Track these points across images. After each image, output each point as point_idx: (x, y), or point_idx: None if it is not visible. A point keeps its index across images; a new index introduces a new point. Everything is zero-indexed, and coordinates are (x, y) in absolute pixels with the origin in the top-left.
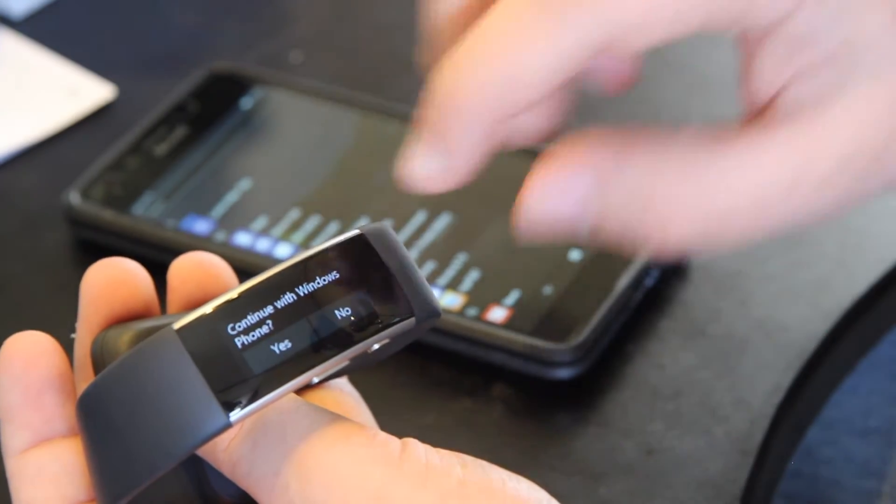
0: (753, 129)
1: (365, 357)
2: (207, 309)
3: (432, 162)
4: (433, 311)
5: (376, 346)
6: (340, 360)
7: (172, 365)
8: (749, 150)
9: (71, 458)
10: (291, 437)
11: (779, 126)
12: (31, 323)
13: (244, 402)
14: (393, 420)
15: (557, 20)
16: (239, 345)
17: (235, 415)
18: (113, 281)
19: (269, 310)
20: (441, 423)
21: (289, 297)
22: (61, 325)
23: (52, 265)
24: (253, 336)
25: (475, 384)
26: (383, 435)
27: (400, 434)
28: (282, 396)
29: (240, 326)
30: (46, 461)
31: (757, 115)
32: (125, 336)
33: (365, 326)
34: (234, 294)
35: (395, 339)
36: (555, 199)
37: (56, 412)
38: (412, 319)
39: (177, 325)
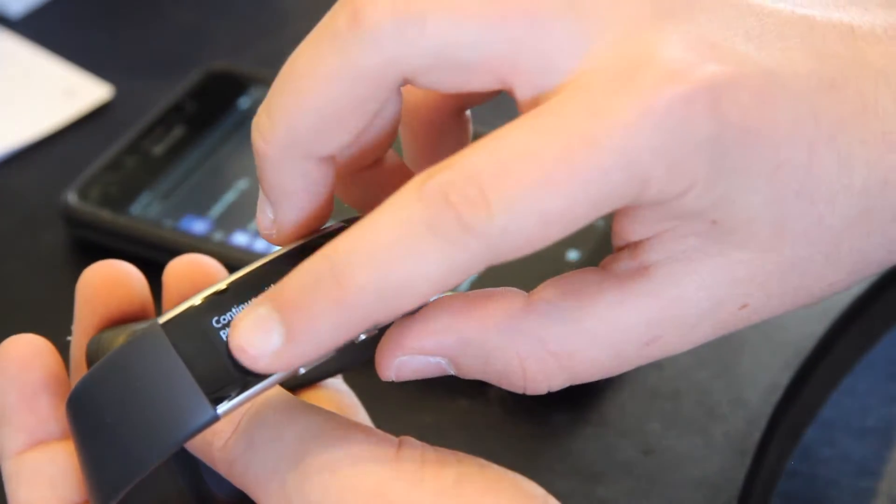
0: (615, 285)
1: (353, 349)
2: (193, 301)
3: (267, 216)
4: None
5: (363, 337)
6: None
7: (158, 360)
8: (610, 308)
9: (66, 459)
10: (287, 435)
11: (640, 280)
12: (29, 322)
13: (231, 394)
14: (391, 420)
15: (452, 244)
16: (224, 337)
17: (223, 407)
18: (108, 283)
19: None
20: (439, 424)
21: None
22: (59, 325)
23: (49, 265)
24: None
25: (473, 385)
26: (380, 433)
27: (398, 434)
28: (269, 388)
29: (224, 319)
30: (42, 463)
31: (624, 249)
32: (120, 338)
33: None
34: (222, 285)
35: (382, 330)
36: (415, 367)
37: (51, 414)
38: None
39: (161, 320)
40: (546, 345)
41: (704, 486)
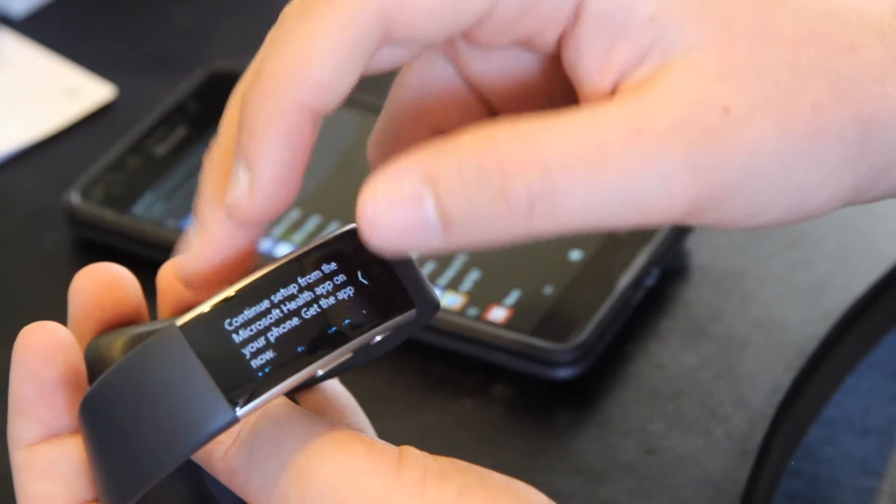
0: (590, 104)
1: (367, 350)
2: (203, 309)
3: (239, 183)
4: (433, 303)
5: (378, 339)
6: (344, 353)
7: (177, 362)
8: (587, 110)
9: (80, 455)
10: (288, 446)
11: (615, 99)
12: (31, 322)
13: (250, 396)
14: (393, 420)
15: (344, 14)
16: (238, 340)
17: (242, 409)
18: (103, 286)
19: (270, 304)
20: (441, 423)
21: (291, 291)
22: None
23: (52, 265)
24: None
25: (475, 384)
26: (381, 443)
27: (400, 434)
28: (288, 389)
29: (237, 322)
30: (57, 456)
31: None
32: (119, 341)
33: (367, 319)
34: (231, 292)
35: (396, 331)
36: (397, 205)
37: (67, 409)
38: (413, 311)
39: (179, 322)
40: (523, 128)
41: (707, 486)
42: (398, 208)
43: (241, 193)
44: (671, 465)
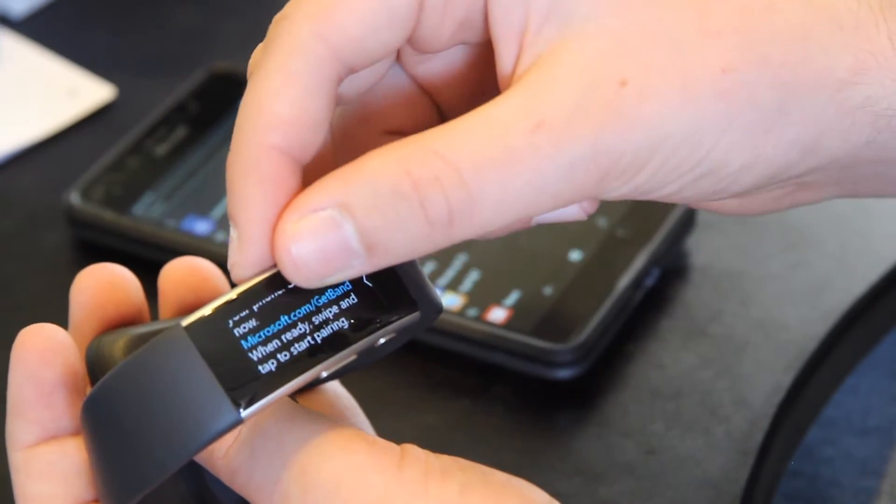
0: (490, 102)
1: (371, 351)
2: (204, 312)
3: (232, 242)
4: (436, 305)
5: (382, 340)
6: (348, 355)
7: (182, 362)
8: (487, 108)
9: (80, 456)
10: (290, 445)
11: (512, 88)
12: (31, 323)
13: (255, 397)
14: (393, 421)
15: (284, 49)
16: (238, 334)
17: (246, 410)
18: (104, 286)
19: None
20: (441, 424)
21: (296, 294)
22: (61, 326)
23: (52, 265)
24: None
25: (475, 384)
26: (383, 442)
27: (400, 434)
28: (293, 390)
29: (241, 322)
30: (56, 457)
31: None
32: (120, 342)
33: (372, 321)
34: (232, 295)
35: (400, 333)
36: (318, 240)
37: (66, 410)
38: (417, 313)
39: (185, 323)
40: (428, 144)
41: (707, 487)
42: (319, 242)
43: (234, 251)
44: (671, 466)
